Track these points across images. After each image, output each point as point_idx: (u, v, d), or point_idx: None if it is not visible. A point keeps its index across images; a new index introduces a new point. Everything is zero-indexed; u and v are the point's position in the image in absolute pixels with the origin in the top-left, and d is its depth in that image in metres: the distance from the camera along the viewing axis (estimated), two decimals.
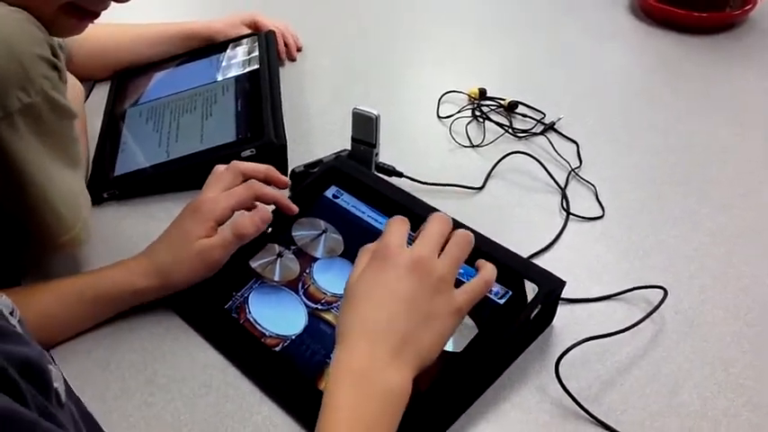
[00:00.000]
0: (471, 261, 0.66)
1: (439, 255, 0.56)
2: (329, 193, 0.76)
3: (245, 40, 1.06)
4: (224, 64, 1.02)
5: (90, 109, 0.98)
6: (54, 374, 0.34)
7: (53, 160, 0.66)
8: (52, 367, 0.34)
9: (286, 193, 0.83)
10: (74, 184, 0.69)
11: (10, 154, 0.62)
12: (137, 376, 0.64)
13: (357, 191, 0.75)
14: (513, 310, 0.62)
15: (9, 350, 0.31)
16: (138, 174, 0.85)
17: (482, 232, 0.69)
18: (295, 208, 0.73)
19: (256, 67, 0.99)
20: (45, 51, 0.62)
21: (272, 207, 0.72)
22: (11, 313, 0.37)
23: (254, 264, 0.71)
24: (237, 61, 1.02)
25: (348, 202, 0.74)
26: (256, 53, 1.02)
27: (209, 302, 0.69)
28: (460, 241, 0.57)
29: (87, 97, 1.01)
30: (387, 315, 0.53)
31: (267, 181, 0.73)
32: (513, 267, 0.65)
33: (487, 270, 0.58)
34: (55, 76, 0.63)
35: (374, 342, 0.52)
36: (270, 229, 0.72)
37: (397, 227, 0.58)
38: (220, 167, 0.72)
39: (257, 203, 0.70)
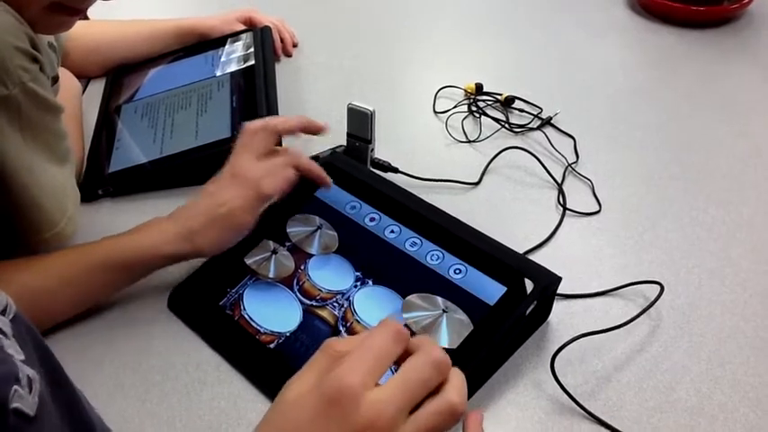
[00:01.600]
0: (469, 259, 0.66)
1: (414, 410, 0.40)
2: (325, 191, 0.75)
3: (241, 36, 1.06)
4: (220, 60, 1.02)
5: (85, 105, 0.98)
6: (17, 395, 0.32)
7: (35, 154, 0.65)
8: (17, 386, 0.33)
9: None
10: (59, 179, 0.69)
11: None
12: (131, 374, 0.64)
13: (352, 187, 0.74)
14: (509, 306, 0.62)
15: None
16: (132, 170, 0.85)
17: (478, 227, 0.68)
18: (329, 180, 0.72)
19: (252, 62, 0.98)
20: (23, 43, 0.61)
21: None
22: (2, 311, 0.36)
23: (248, 260, 0.71)
24: (233, 57, 1.01)
25: (343, 198, 0.74)
26: (252, 49, 1.01)
27: (203, 299, 0.68)
28: (449, 412, 0.41)
29: (83, 93, 1.01)
30: None
31: (304, 131, 0.73)
32: (509, 263, 0.64)
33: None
34: (35, 69, 0.63)
35: None
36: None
37: (379, 348, 0.41)
38: (251, 126, 0.70)
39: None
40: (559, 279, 0.64)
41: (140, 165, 0.85)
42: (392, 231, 0.70)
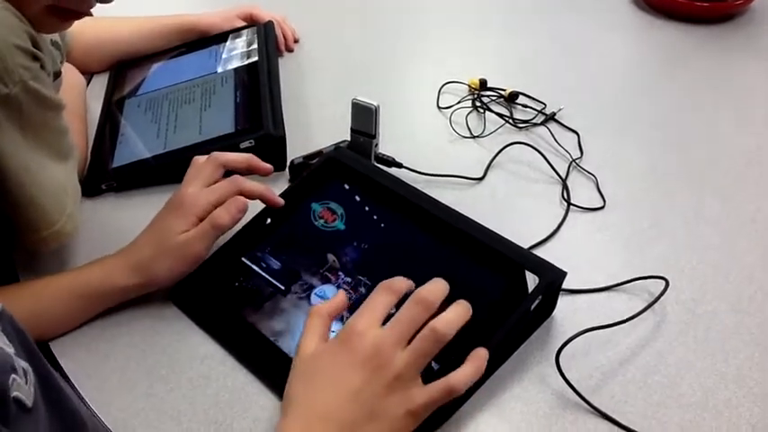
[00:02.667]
0: (473, 254, 0.66)
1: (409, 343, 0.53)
2: (329, 186, 0.75)
3: (244, 32, 1.06)
4: (223, 55, 1.01)
5: (88, 100, 0.98)
6: (15, 384, 0.33)
7: (35, 153, 0.65)
8: (15, 376, 0.33)
9: (284, 183, 0.83)
10: (59, 177, 0.68)
11: None
12: (136, 368, 0.64)
13: (356, 182, 0.74)
14: (514, 301, 0.62)
15: None
16: (136, 165, 0.85)
17: (482, 223, 0.68)
18: (280, 201, 0.72)
19: (255, 58, 0.98)
20: (24, 42, 0.61)
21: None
22: None
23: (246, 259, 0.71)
24: (236, 52, 1.01)
25: (347, 193, 0.74)
26: (255, 44, 1.01)
27: (208, 294, 0.68)
28: (432, 337, 0.53)
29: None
30: (332, 401, 0.52)
31: (249, 170, 0.72)
32: (515, 259, 0.64)
33: (458, 377, 0.53)
34: (35, 67, 0.62)
35: (313, 425, 0.51)
36: (269, 220, 0.72)
37: (376, 302, 0.55)
38: (200, 159, 0.71)
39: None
40: (564, 274, 0.64)
41: (144, 159, 0.85)
42: (396, 226, 0.70)
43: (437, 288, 0.56)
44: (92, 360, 0.65)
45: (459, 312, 0.54)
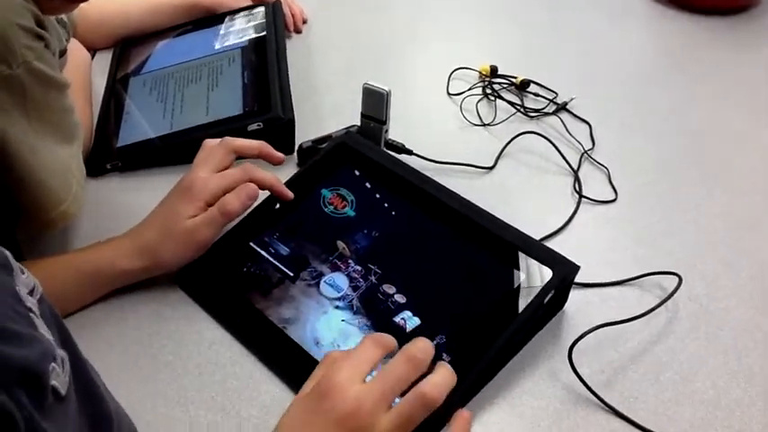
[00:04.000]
0: (484, 245, 0.65)
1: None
2: (338, 172, 0.74)
3: (252, 10, 1.04)
4: (230, 34, 1.00)
5: (92, 77, 0.96)
6: (54, 372, 0.33)
7: (39, 133, 0.63)
8: (54, 365, 0.33)
9: (293, 166, 0.82)
10: (65, 157, 0.67)
11: None
12: (143, 353, 0.63)
13: (367, 168, 0.73)
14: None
15: (7, 356, 0.30)
16: (141, 145, 0.83)
17: (492, 213, 0.67)
18: (290, 194, 0.71)
19: (263, 37, 0.96)
20: (28, 21, 0.59)
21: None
22: (30, 292, 0.36)
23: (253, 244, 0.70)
24: (244, 31, 0.99)
25: (357, 178, 0.73)
26: (263, 23, 0.99)
27: (215, 278, 0.67)
28: (421, 402, 0.48)
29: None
30: None
31: (261, 157, 0.71)
32: (527, 251, 0.64)
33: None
34: (39, 47, 0.61)
35: None
36: (278, 206, 0.71)
37: (362, 355, 0.51)
38: (211, 143, 0.70)
39: None
40: (578, 268, 0.63)
41: (150, 139, 0.84)
42: (407, 214, 0.69)
43: (427, 347, 0.51)
44: (98, 344, 0.64)
45: (446, 377, 0.50)
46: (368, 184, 0.72)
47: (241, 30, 1.00)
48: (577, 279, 0.66)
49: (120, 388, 0.60)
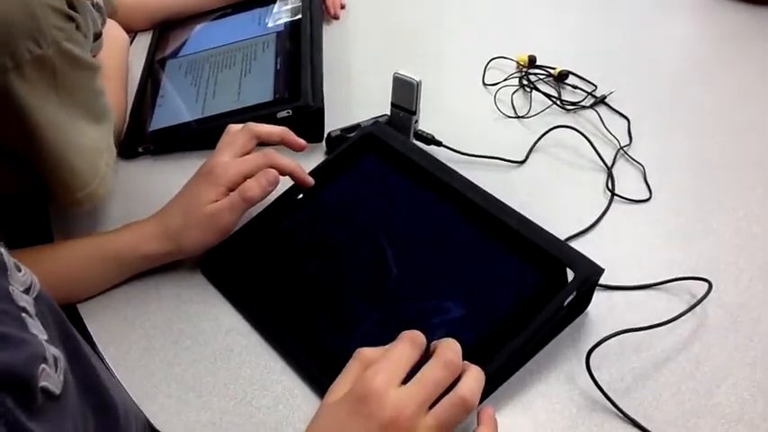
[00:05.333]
0: (508, 243, 0.64)
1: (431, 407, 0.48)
2: (364, 162, 0.73)
3: None
4: (266, 18, 1.00)
5: (131, 58, 0.97)
6: (44, 374, 0.33)
7: (69, 114, 0.64)
8: (45, 366, 0.33)
9: (321, 155, 0.82)
10: (94, 139, 0.68)
11: (22, 107, 0.60)
12: (161, 337, 0.64)
13: (393, 160, 0.72)
14: (546, 295, 0.60)
15: None
16: (173, 130, 0.84)
17: (521, 209, 0.66)
18: (310, 180, 0.71)
19: (299, 23, 0.96)
20: (59, 2, 0.60)
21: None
22: (27, 290, 0.36)
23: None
24: (281, 16, 0.99)
25: (382, 169, 0.72)
26: (300, 9, 0.99)
27: (236, 265, 0.68)
28: (461, 405, 0.48)
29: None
30: None
31: (283, 143, 0.71)
32: (550, 251, 0.62)
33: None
34: (70, 28, 0.62)
35: None
36: (301, 195, 0.71)
37: (399, 357, 0.49)
38: (234, 128, 0.70)
39: None
40: (602, 270, 0.61)
41: (182, 124, 0.84)
42: (432, 208, 0.68)
43: (458, 349, 0.51)
44: (118, 325, 0.65)
45: (479, 379, 0.50)
46: (393, 176, 0.71)
47: (278, 15, 1.00)
48: (604, 280, 0.64)
49: (136, 370, 0.62)
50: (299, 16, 0.97)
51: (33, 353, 0.33)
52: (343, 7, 1.12)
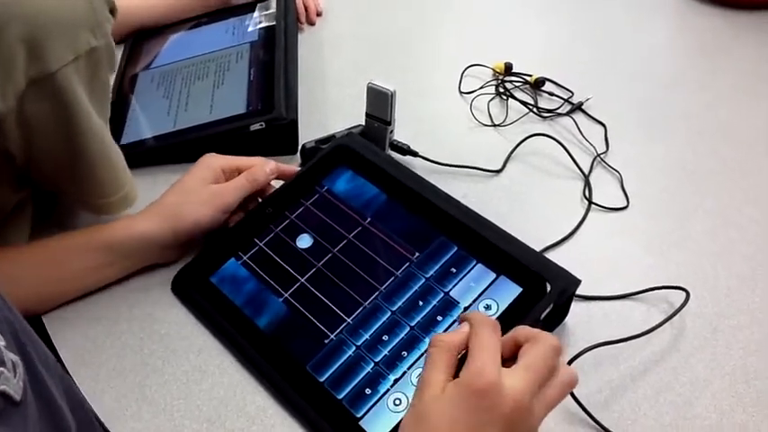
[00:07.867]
0: (483, 256, 0.63)
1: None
2: (338, 174, 0.72)
3: (263, 3, 1.02)
4: (240, 28, 0.98)
5: None
6: (3, 377, 0.32)
7: (100, 113, 0.62)
8: (3, 369, 0.32)
9: (295, 167, 0.81)
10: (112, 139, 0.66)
11: (71, 103, 0.57)
12: (132, 357, 0.63)
13: (366, 171, 0.71)
14: (523, 308, 0.59)
15: None
16: (143, 144, 0.82)
17: (498, 218, 0.65)
18: (293, 168, 0.74)
19: (273, 32, 0.95)
20: None
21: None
22: None
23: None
24: (254, 26, 0.98)
25: (356, 182, 0.71)
26: (274, 18, 0.98)
27: (206, 283, 0.67)
28: (568, 391, 0.48)
29: None
30: None
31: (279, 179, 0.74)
32: (526, 264, 0.61)
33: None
34: (113, 21, 0.59)
35: None
36: (270, 210, 0.70)
37: (490, 342, 0.47)
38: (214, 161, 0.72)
39: None
40: (578, 282, 0.61)
41: (153, 137, 0.83)
42: (404, 220, 0.67)
43: (558, 341, 0.49)
44: (89, 346, 0.63)
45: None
46: (367, 188, 0.70)
47: (252, 24, 0.98)
48: (581, 291, 0.64)
49: (106, 392, 0.60)
50: (274, 25, 0.96)
51: None
52: (319, 14, 1.11)
